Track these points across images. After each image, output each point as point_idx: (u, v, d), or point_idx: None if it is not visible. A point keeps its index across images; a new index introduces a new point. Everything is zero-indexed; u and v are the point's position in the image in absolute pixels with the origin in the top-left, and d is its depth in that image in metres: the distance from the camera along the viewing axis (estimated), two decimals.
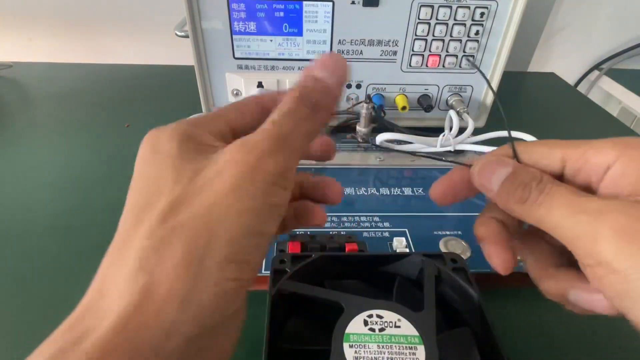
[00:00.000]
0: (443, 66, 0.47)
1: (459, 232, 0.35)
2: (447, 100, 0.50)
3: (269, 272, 0.26)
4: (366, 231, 0.35)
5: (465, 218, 0.36)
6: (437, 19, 0.44)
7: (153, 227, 0.15)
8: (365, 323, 0.22)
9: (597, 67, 0.92)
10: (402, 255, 0.27)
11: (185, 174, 0.16)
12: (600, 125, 0.60)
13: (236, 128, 0.19)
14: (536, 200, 0.17)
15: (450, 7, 0.43)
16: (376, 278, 0.27)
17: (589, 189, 0.18)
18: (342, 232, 0.35)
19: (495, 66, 0.48)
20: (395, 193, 0.41)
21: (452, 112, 0.47)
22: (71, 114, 0.56)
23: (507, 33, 0.45)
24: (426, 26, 0.45)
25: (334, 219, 0.37)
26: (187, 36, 0.45)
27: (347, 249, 0.30)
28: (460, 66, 0.47)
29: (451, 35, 0.45)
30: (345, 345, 0.20)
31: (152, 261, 0.14)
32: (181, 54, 0.60)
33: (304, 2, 0.43)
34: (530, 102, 0.67)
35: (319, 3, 0.43)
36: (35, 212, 0.39)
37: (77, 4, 0.80)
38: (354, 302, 0.22)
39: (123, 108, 0.58)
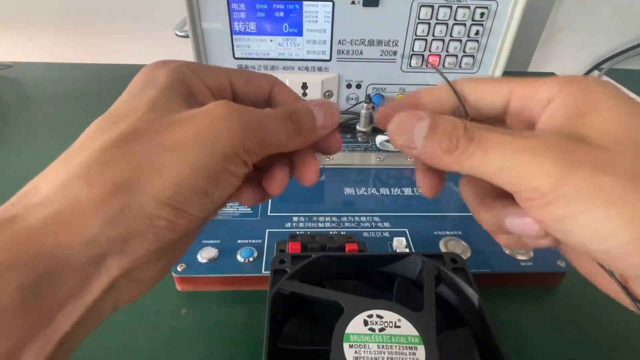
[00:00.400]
0: (443, 66, 0.47)
1: (459, 232, 0.35)
2: None
3: (269, 272, 0.26)
4: (366, 231, 0.35)
5: (465, 218, 0.36)
6: (437, 19, 0.44)
7: (107, 145, 0.15)
8: (365, 323, 0.22)
9: (597, 67, 0.92)
10: (402, 256, 0.27)
11: (160, 109, 0.17)
12: None
13: (238, 93, 0.20)
14: (467, 149, 0.17)
15: (450, 7, 0.43)
16: (376, 278, 0.27)
17: (530, 124, 0.19)
18: (342, 232, 0.35)
19: (495, 66, 0.48)
20: (395, 193, 0.41)
21: None
22: (71, 114, 0.56)
23: (507, 33, 0.45)
24: (426, 26, 0.45)
25: (334, 219, 0.37)
26: (187, 36, 0.45)
27: (347, 249, 0.30)
28: (460, 66, 0.47)
29: (451, 35, 0.45)
30: (345, 345, 0.20)
31: (92, 175, 0.15)
32: (181, 54, 0.60)
33: (304, 2, 0.43)
34: None
35: (319, 3, 0.43)
36: None
37: (77, 4, 0.80)
38: (354, 302, 0.22)
39: None
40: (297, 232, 0.34)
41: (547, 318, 0.30)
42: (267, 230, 0.35)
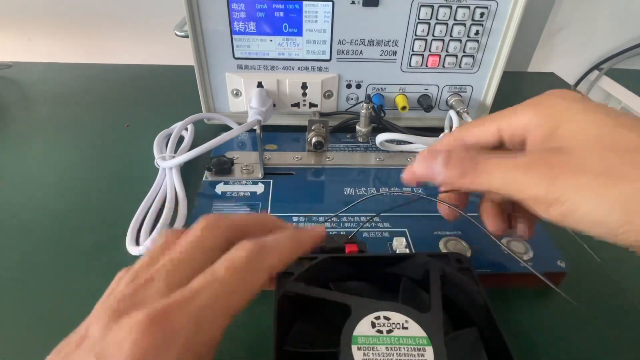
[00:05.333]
0: (443, 66, 0.47)
1: (459, 232, 0.35)
2: (447, 100, 0.50)
3: None
4: (366, 231, 0.35)
5: (465, 218, 0.36)
6: (437, 19, 0.44)
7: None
8: (373, 325, 0.21)
9: (597, 67, 0.92)
10: (408, 256, 0.27)
11: None
12: None
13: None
14: (475, 170, 0.22)
15: (450, 7, 0.43)
16: (380, 279, 0.27)
17: (522, 146, 0.23)
18: (342, 232, 0.35)
19: (495, 66, 0.48)
20: (395, 193, 0.41)
21: (452, 112, 0.47)
22: (71, 114, 0.56)
23: (507, 33, 0.45)
24: (426, 26, 0.45)
25: (334, 219, 0.36)
26: (187, 36, 0.45)
27: (347, 250, 0.30)
28: (460, 66, 0.47)
29: (451, 35, 0.45)
30: (354, 348, 0.20)
31: None
32: (181, 54, 0.60)
33: (304, 2, 0.43)
34: None
35: (319, 3, 0.43)
36: (35, 212, 0.39)
37: (77, 4, 0.80)
38: (361, 304, 0.22)
39: (123, 108, 0.58)
40: None
41: (547, 318, 0.30)
42: None
